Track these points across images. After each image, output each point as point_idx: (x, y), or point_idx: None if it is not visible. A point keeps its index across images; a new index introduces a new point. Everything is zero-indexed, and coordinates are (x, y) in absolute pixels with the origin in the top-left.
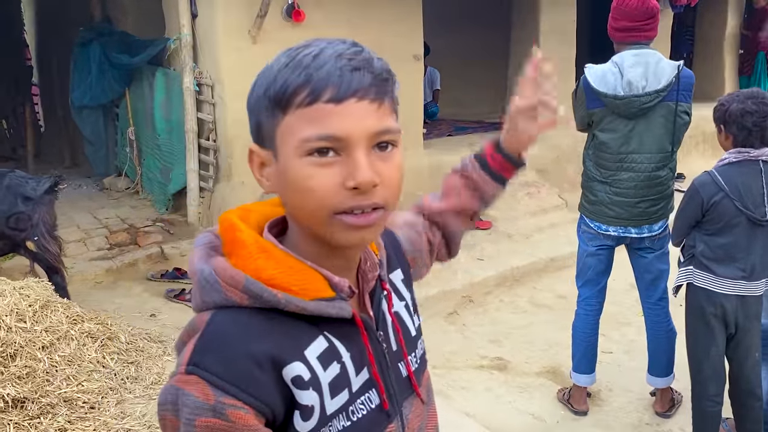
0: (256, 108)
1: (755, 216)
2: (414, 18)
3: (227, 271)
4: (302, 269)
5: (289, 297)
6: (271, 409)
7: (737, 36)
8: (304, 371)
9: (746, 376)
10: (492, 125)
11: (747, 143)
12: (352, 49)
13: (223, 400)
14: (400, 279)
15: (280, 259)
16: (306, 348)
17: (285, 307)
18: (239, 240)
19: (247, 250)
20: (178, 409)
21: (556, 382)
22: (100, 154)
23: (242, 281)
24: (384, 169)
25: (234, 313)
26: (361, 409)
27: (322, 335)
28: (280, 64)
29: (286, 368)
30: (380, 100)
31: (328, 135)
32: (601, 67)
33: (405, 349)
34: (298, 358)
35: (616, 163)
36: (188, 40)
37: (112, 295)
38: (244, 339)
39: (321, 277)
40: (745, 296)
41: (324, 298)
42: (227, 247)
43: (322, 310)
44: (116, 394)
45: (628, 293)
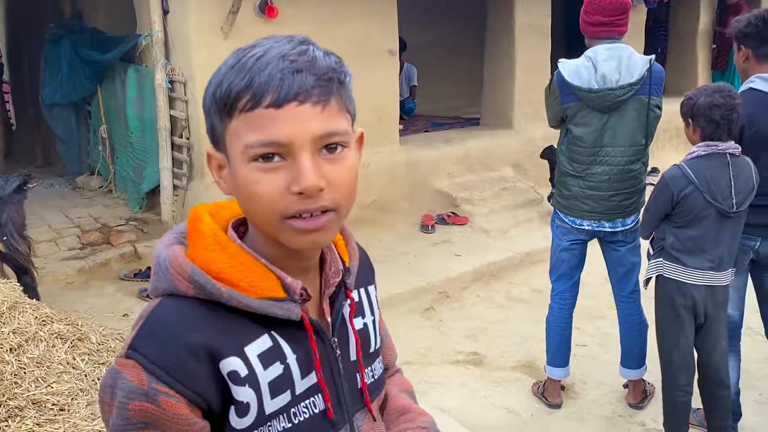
0: (208, 110)
1: (723, 208)
2: (389, 14)
3: (177, 259)
4: (255, 267)
5: (233, 292)
6: (204, 400)
7: (710, 32)
8: (240, 367)
9: (714, 365)
10: (468, 121)
11: (715, 136)
12: (297, 49)
13: (155, 387)
14: (374, 295)
15: (233, 254)
16: (247, 345)
17: (227, 302)
18: (198, 231)
19: (203, 242)
20: (114, 392)
21: (531, 375)
22: (73, 152)
23: (188, 270)
24: (332, 172)
25: (179, 302)
26: (304, 412)
27: (267, 334)
28: (228, 65)
29: (222, 362)
30: (325, 101)
31: (270, 141)
32: (575, 62)
33: (362, 362)
34: (235, 354)
35: (590, 157)
36: (160, 36)
37: (84, 296)
38: (183, 328)
39: (274, 277)
40: (713, 286)
41: (273, 297)
42: (188, 238)
43: (267, 309)
44: (87, 395)
45: (603, 287)
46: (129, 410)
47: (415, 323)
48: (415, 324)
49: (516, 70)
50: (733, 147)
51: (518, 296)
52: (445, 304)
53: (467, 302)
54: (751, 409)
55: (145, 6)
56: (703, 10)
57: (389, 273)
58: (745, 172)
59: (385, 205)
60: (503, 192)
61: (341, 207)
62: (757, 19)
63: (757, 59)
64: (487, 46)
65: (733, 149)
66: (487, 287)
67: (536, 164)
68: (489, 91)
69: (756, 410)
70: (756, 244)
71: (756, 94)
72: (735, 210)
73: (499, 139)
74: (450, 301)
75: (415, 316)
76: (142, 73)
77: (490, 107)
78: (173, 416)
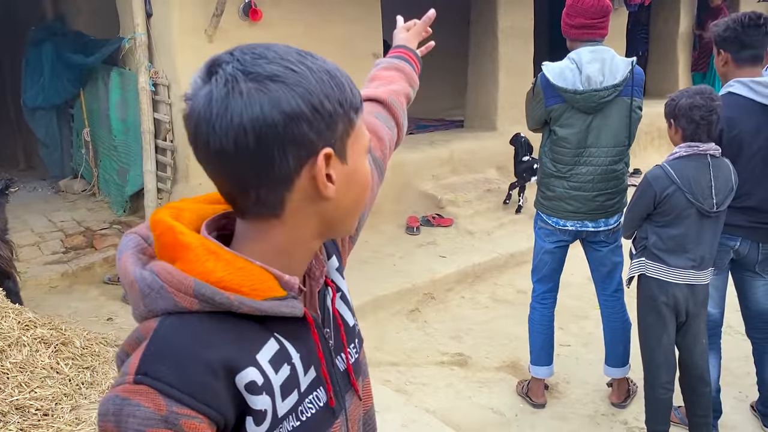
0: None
1: (704, 208)
2: (373, 16)
3: (174, 275)
4: (252, 269)
5: (242, 298)
6: (223, 417)
7: (690, 34)
8: (257, 376)
9: (695, 363)
10: (452, 123)
11: (695, 137)
12: None
13: (176, 410)
14: (335, 268)
15: (228, 261)
16: (258, 352)
17: (238, 309)
18: (182, 243)
19: (194, 253)
20: (120, 420)
21: (515, 376)
22: (55, 156)
23: (191, 285)
24: None
25: (184, 319)
26: (310, 408)
27: (272, 337)
28: (326, 74)
29: (239, 375)
30: None
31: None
32: (558, 64)
33: (345, 342)
34: (251, 364)
35: (574, 158)
36: (143, 39)
37: (67, 300)
38: (198, 346)
39: (271, 276)
40: (694, 285)
41: (276, 297)
42: (167, 251)
43: (276, 309)
44: (71, 400)
45: (586, 287)
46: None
47: (400, 324)
48: (400, 325)
49: (499, 72)
50: (713, 148)
51: (503, 297)
52: (430, 305)
53: (452, 303)
54: (731, 406)
55: (128, 9)
56: (683, 13)
57: (375, 275)
58: (725, 174)
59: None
60: (487, 194)
61: None
62: (735, 23)
63: (735, 63)
64: (470, 49)
65: (714, 150)
66: (471, 288)
67: None
68: (473, 94)
69: (736, 408)
70: (736, 243)
71: (735, 98)
72: (715, 210)
73: (483, 141)
74: (435, 302)
75: (400, 317)
76: (126, 76)
77: (474, 109)
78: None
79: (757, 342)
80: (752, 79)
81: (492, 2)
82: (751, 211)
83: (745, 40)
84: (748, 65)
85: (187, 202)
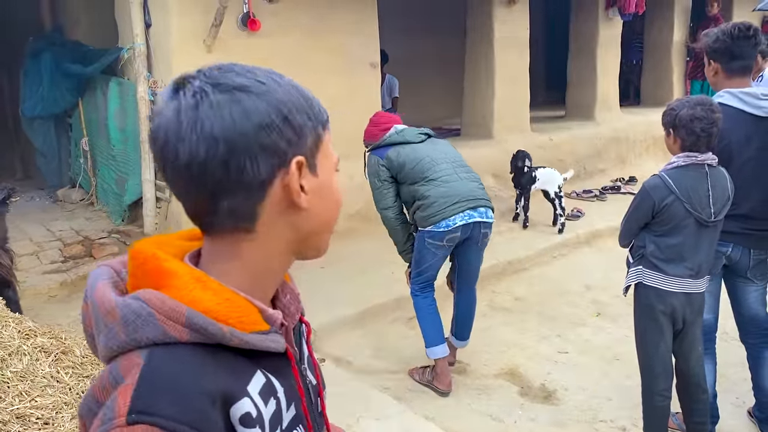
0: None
1: (702, 217)
2: (370, 26)
3: (166, 303)
4: (238, 301)
5: (233, 330)
6: None
7: (684, 44)
8: (252, 408)
9: (692, 369)
10: (450, 131)
11: (695, 148)
12: None
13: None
14: None
15: (216, 291)
16: (248, 384)
17: (229, 342)
18: (167, 270)
19: (182, 281)
20: None
21: (513, 383)
22: (53, 165)
23: (184, 313)
24: None
25: (175, 350)
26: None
27: (259, 371)
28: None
29: (234, 406)
30: None
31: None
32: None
33: (321, 384)
34: (245, 395)
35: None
36: (142, 49)
37: (66, 309)
38: (195, 376)
39: (255, 310)
40: (691, 293)
41: (260, 331)
42: (150, 280)
43: (261, 343)
44: (71, 408)
45: (583, 295)
46: None
47: (399, 333)
48: (399, 333)
49: (495, 81)
50: (711, 158)
51: (501, 305)
52: None
53: (450, 311)
54: (728, 412)
55: (127, 19)
56: (677, 22)
57: (373, 282)
58: (722, 183)
59: (369, 215)
60: None
61: None
62: (725, 35)
63: (726, 74)
64: (466, 58)
65: (711, 160)
66: None
67: None
68: (469, 102)
69: (733, 413)
70: (728, 250)
71: (725, 108)
72: (713, 219)
73: (480, 149)
74: None
75: (399, 325)
76: (125, 85)
77: (470, 118)
78: None
79: (752, 347)
80: (742, 90)
81: (488, 12)
82: (742, 218)
83: (735, 51)
84: (737, 75)
85: (166, 237)
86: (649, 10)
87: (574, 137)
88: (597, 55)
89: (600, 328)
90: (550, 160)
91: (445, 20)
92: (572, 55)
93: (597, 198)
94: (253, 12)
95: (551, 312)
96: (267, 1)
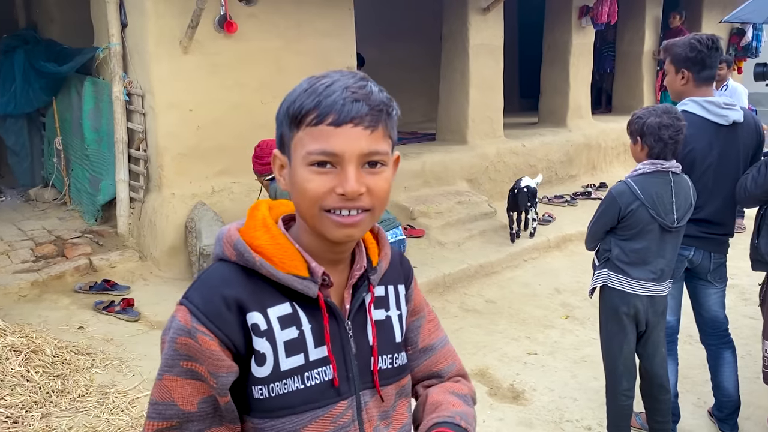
0: (281, 121)
1: (666, 223)
2: (347, 30)
3: (231, 232)
4: (289, 248)
5: (264, 263)
6: (233, 344)
7: (653, 54)
8: (261, 321)
9: (655, 371)
10: (425, 136)
11: (662, 155)
12: (358, 83)
13: (196, 326)
14: (402, 293)
15: (274, 235)
16: (270, 307)
17: (259, 269)
18: (252, 215)
19: (253, 223)
20: (167, 328)
21: (483, 383)
22: (25, 164)
23: (234, 240)
24: (372, 182)
25: (224, 265)
26: (316, 378)
27: (288, 303)
28: (302, 88)
29: (248, 314)
30: (373, 127)
31: (327, 151)
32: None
33: (376, 347)
34: (258, 310)
35: None
36: (118, 49)
37: (37, 308)
38: (222, 284)
39: (302, 260)
40: (654, 296)
41: (297, 275)
42: (246, 220)
43: (289, 282)
44: (41, 407)
45: (553, 298)
46: (176, 343)
47: None
48: None
49: (470, 87)
50: (675, 165)
51: (472, 307)
52: None
53: None
54: (689, 412)
55: (103, 19)
56: (647, 33)
57: None
58: (685, 190)
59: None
60: (458, 205)
61: (375, 209)
62: (701, 44)
63: (696, 83)
64: (442, 65)
65: (675, 168)
66: (441, 298)
67: (490, 179)
68: (444, 108)
69: (694, 413)
70: (690, 253)
71: (689, 116)
72: (676, 225)
73: (454, 154)
74: None
75: None
76: (99, 85)
77: (446, 123)
78: (206, 351)
79: (711, 348)
80: (706, 99)
81: (463, 20)
82: (704, 223)
83: (707, 61)
84: (705, 85)
85: (288, 201)
86: (621, 20)
87: (547, 144)
88: (570, 63)
89: (568, 330)
90: (523, 166)
91: (422, 26)
92: (545, 63)
93: (568, 203)
94: (230, 14)
95: (521, 314)
96: (244, 3)
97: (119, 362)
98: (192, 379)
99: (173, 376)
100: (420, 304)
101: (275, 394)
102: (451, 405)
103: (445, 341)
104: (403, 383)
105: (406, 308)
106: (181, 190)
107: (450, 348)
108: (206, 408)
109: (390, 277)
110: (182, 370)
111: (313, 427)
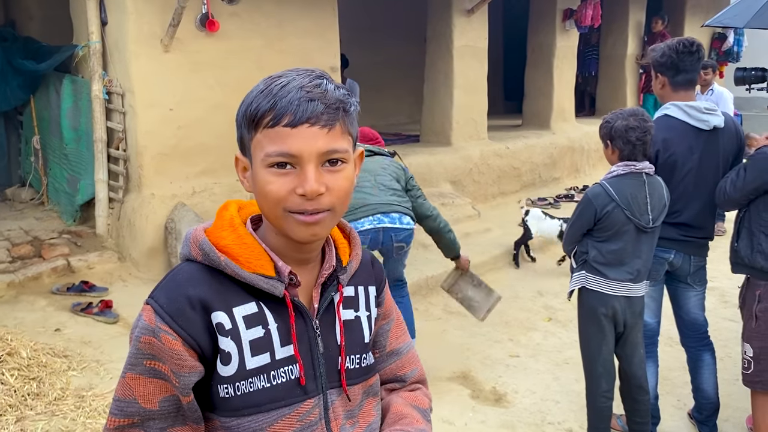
0: (239, 123)
1: (641, 223)
2: (330, 30)
3: (197, 232)
4: (255, 248)
5: (230, 262)
6: (197, 343)
7: (635, 58)
8: (225, 321)
9: (634, 372)
10: (409, 137)
11: (632, 157)
12: (314, 82)
13: (160, 326)
14: (373, 295)
15: (240, 235)
16: (235, 306)
17: (224, 269)
18: (220, 215)
19: (221, 222)
20: (133, 327)
21: (465, 386)
22: (2, 163)
23: (200, 239)
24: (332, 181)
25: (191, 265)
26: (282, 376)
27: (254, 302)
28: (258, 89)
29: (213, 314)
30: (330, 125)
31: (285, 152)
32: None
33: (343, 347)
34: (223, 310)
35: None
36: (97, 47)
37: (13, 310)
38: (187, 284)
39: (269, 259)
40: (631, 297)
41: (263, 275)
42: (214, 220)
43: (255, 281)
44: (16, 411)
45: (535, 300)
46: (140, 342)
47: None
48: None
49: (454, 89)
50: (648, 167)
51: (455, 309)
52: None
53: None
54: (669, 414)
55: (83, 17)
56: (630, 36)
57: None
58: (659, 191)
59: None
60: (442, 207)
61: (336, 208)
62: (671, 50)
63: (672, 87)
64: (426, 67)
65: (648, 169)
66: (425, 300)
67: (474, 181)
68: (428, 110)
69: (674, 415)
70: (670, 256)
71: (671, 120)
72: (651, 226)
73: (438, 156)
74: None
75: None
76: (78, 83)
77: (430, 125)
78: (169, 350)
79: (691, 350)
80: (687, 104)
81: (447, 22)
82: (684, 226)
83: (680, 66)
84: (682, 89)
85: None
86: (604, 23)
87: (531, 146)
88: (554, 65)
89: (551, 332)
90: (507, 168)
91: (407, 28)
92: (529, 66)
93: (551, 206)
94: (212, 13)
95: (504, 317)
96: (226, 2)
97: (97, 365)
98: (154, 377)
99: (136, 375)
100: (390, 309)
101: (241, 392)
102: (414, 421)
103: (410, 346)
104: (371, 383)
105: (377, 311)
106: (161, 190)
107: (414, 353)
108: (168, 407)
109: (360, 278)
110: (145, 369)
111: (280, 425)
